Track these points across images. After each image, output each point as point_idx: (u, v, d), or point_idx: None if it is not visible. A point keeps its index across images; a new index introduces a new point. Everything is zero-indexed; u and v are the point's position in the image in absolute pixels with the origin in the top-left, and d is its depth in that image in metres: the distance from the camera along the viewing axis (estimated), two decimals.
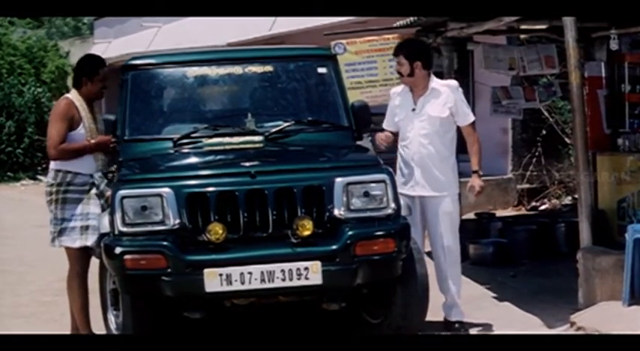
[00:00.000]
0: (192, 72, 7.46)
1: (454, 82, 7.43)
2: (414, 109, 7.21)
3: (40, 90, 25.35)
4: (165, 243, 6.10)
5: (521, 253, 10.19)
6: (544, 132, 14.08)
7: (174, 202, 6.17)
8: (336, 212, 6.29)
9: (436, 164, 7.17)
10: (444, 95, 7.20)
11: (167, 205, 6.16)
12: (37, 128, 23.36)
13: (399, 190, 6.70)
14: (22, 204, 17.97)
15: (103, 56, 7.82)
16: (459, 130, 7.36)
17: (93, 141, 7.02)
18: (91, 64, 7.31)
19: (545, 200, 14.00)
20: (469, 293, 8.08)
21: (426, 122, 7.17)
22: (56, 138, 6.97)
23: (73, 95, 7.14)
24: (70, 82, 26.73)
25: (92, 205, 6.96)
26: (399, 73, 7.29)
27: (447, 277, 7.21)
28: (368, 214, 6.36)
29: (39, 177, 22.73)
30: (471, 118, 7.30)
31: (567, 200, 13.79)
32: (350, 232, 6.21)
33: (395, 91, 7.47)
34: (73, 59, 28.00)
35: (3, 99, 24.24)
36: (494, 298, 8.42)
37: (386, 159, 6.84)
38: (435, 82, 7.28)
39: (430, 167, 7.16)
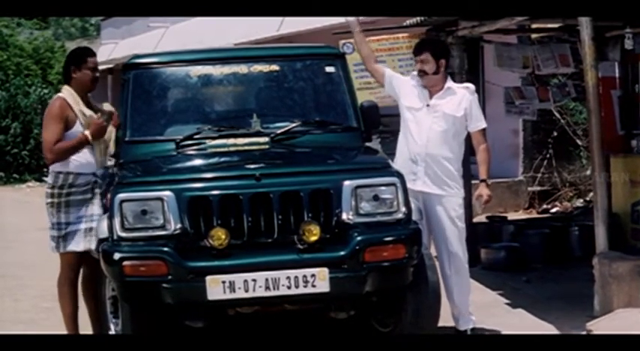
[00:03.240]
0: (195, 71, 7.28)
1: (471, 86, 7.25)
2: (428, 105, 7.01)
3: (46, 91, 25.27)
4: (165, 249, 5.89)
5: (534, 257, 10.03)
6: (555, 134, 14.02)
7: (176, 206, 5.97)
8: (344, 217, 6.08)
9: (441, 163, 6.97)
10: (460, 95, 7.05)
11: (168, 209, 5.96)
12: None
13: None
14: (27, 206, 17.84)
15: (110, 57, 7.70)
16: (468, 138, 7.19)
17: (87, 132, 6.80)
18: (78, 52, 7.15)
19: (557, 203, 13.90)
20: (481, 299, 7.93)
21: (441, 119, 6.98)
22: (51, 141, 6.81)
23: (66, 92, 6.95)
24: None
25: (96, 206, 6.82)
26: (423, 71, 7.03)
27: (451, 284, 7.02)
28: (377, 218, 6.14)
29: (45, 179, 22.57)
30: (483, 124, 7.14)
31: (579, 203, 13.74)
32: (359, 238, 5.99)
33: (414, 74, 7.21)
34: None
35: (9, 100, 24.19)
36: (507, 304, 8.25)
37: None
38: (451, 82, 7.12)
39: (435, 164, 6.96)
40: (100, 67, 7.69)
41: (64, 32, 42.89)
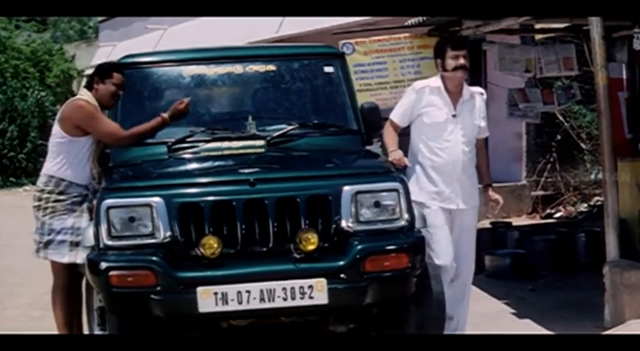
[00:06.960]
0: (189, 71, 7.06)
1: (482, 91, 6.98)
2: (454, 115, 6.72)
3: (43, 94, 25.14)
4: (154, 258, 5.59)
5: (540, 264, 9.84)
6: (559, 137, 13.88)
7: (165, 212, 5.69)
8: (343, 224, 5.79)
9: (471, 176, 6.81)
10: (478, 103, 6.84)
11: (157, 217, 5.68)
12: (40, 133, 23.13)
13: (431, 203, 6.29)
14: (22, 210, 17.51)
15: (108, 59, 7.48)
16: None
17: (166, 114, 6.68)
18: (106, 66, 6.96)
19: (561, 207, 13.74)
20: (487, 309, 7.73)
21: (468, 130, 6.75)
22: (115, 131, 6.63)
23: (86, 96, 6.76)
24: (74, 86, 26.58)
25: (84, 219, 6.59)
26: (464, 67, 6.71)
27: (455, 297, 6.73)
28: (379, 226, 5.85)
29: None
30: (487, 132, 6.99)
31: (583, 207, 13.55)
32: (359, 247, 5.69)
33: (421, 86, 6.85)
34: (79, 63, 27.89)
35: (6, 103, 24.05)
36: (513, 314, 8.00)
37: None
38: (467, 87, 6.83)
39: (467, 179, 6.77)
40: None
41: (62, 35, 42.65)
